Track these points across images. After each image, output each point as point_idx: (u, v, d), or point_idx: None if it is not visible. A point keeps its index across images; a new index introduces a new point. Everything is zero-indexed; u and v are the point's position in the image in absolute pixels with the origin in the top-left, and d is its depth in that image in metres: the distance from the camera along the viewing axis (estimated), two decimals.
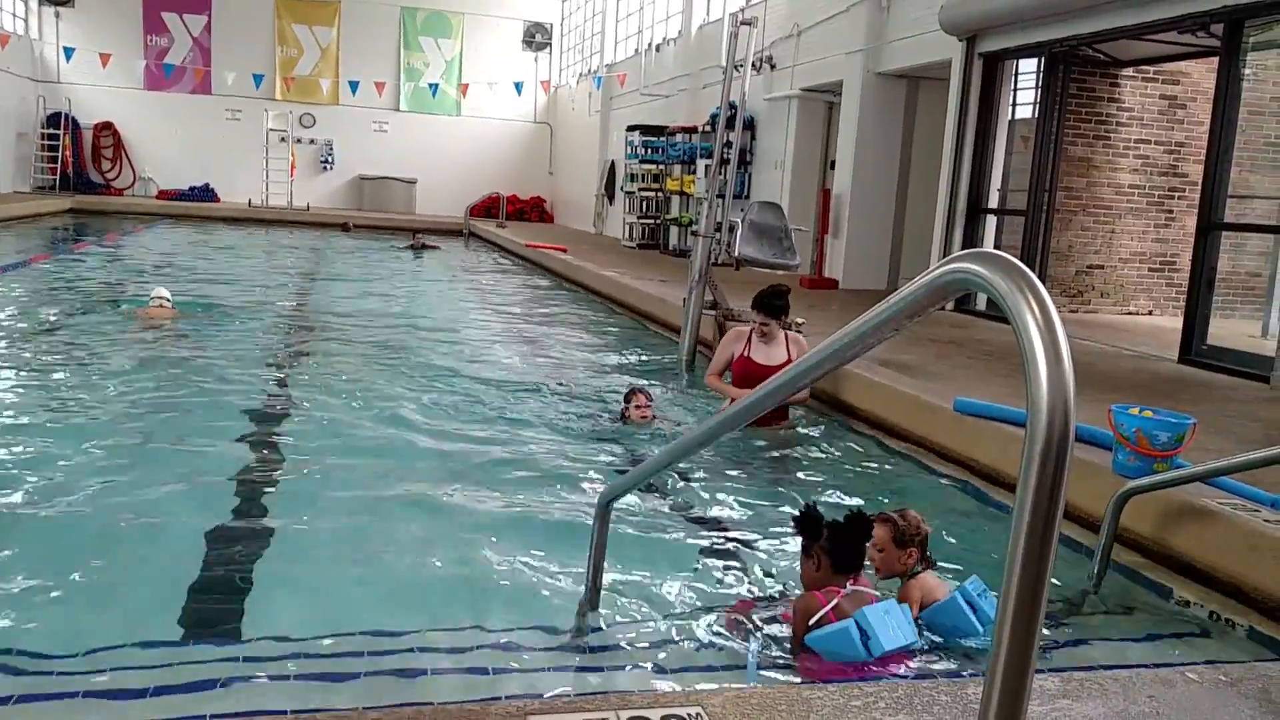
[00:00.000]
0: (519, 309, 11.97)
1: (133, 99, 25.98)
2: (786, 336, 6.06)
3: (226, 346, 8.10)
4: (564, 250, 16.41)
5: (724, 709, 1.97)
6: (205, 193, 26.05)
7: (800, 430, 6.05)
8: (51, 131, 24.94)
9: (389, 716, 1.83)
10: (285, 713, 1.81)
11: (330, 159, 27.23)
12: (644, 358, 8.76)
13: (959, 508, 4.72)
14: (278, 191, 25.46)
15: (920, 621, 3.20)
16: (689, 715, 1.94)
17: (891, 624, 2.87)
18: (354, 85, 26.07)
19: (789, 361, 5.72)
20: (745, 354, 6.06)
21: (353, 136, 27.08)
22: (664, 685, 2.74)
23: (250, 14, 26.38)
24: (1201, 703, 2.19)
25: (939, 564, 3.54)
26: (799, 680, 2.81)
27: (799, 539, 3.24)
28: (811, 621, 2.99)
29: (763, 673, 2.95)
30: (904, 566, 3.38)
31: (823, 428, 6.11)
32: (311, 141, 27.13)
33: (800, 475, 5.19)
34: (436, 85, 26.71)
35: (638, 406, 5.91)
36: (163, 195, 25.70)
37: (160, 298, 9.03)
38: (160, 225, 21.35)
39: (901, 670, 2.91)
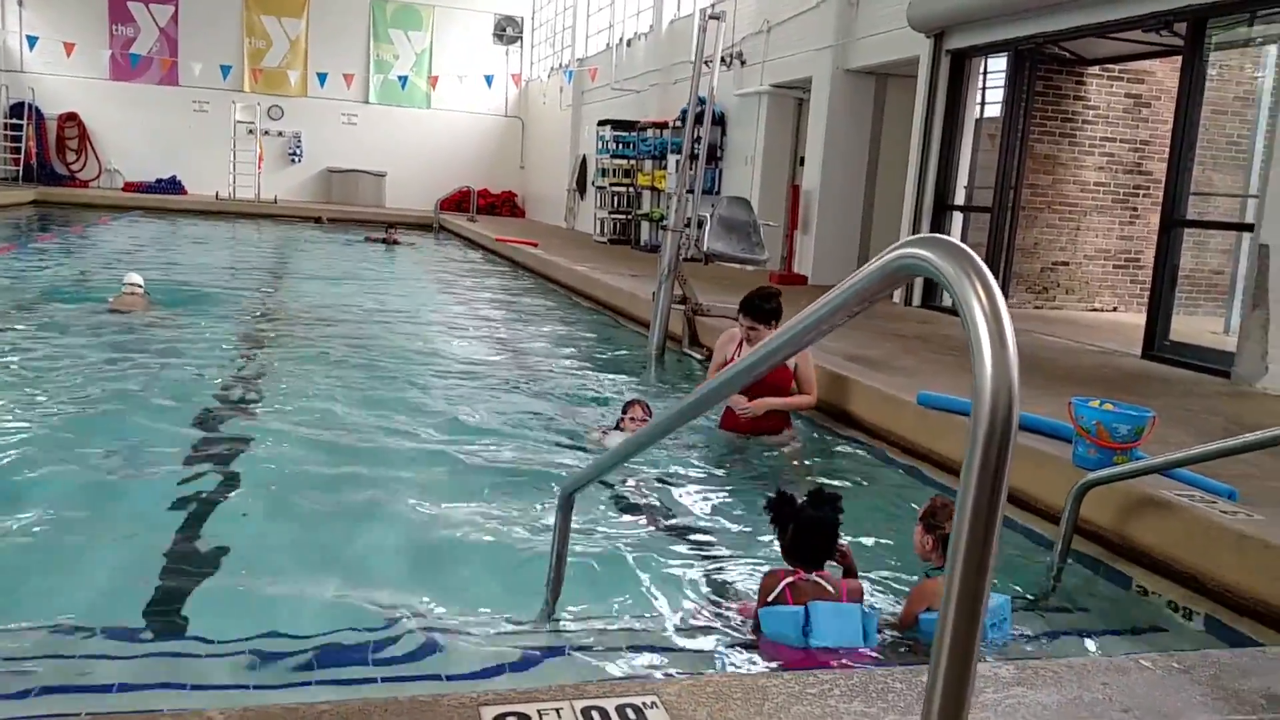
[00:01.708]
0: (489, 303, 11.93)
1: (98, 89, 25.63)
2: None
3: (197, 335, 8.08)
4: (535, 245, 16.36)
5: (679, 697, 1.97)
6: (172, 185, 25.77)
7: (797, 441, 5.69)
8: (14, 122, 24.58)
9: (338, 709, 1.81)
10: (235, 708, 1.79)
11: (299, 151, 27.00)
12: (614, 352, 8.76)
13: (921, 500, 4.74)
14: (245, 184, 25.20)
15: (917, 625, 3.16)
16: (644, 704, 1.93)
17: (838, 625, 2.93)
18: (322, 77, 25.84)
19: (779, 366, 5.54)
20: (735, 357, 5.67)
21: (322, 129, 26.86)
22: (623, 676, 2.74)
23: (218, 4, 26.10)
24: (1154, 690, 2.21)
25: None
26: (757, 668, 2.82)
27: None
28: (770, 598, 3.03)
29: (728, 663, 2.96)
30: (923, 553, 3.35)
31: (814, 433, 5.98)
32: (280, 134, 26.88)
33: (771, 472, 5.19)
34: (406, 78, 26.53)
35: (633, 419, 5.43)
36: (129, 187, 25.39)
37: (133, 285, 8.99)
38: (127, 217, 21.10)
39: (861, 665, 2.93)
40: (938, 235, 1.30)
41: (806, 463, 5.43)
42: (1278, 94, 6.80)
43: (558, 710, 1.87)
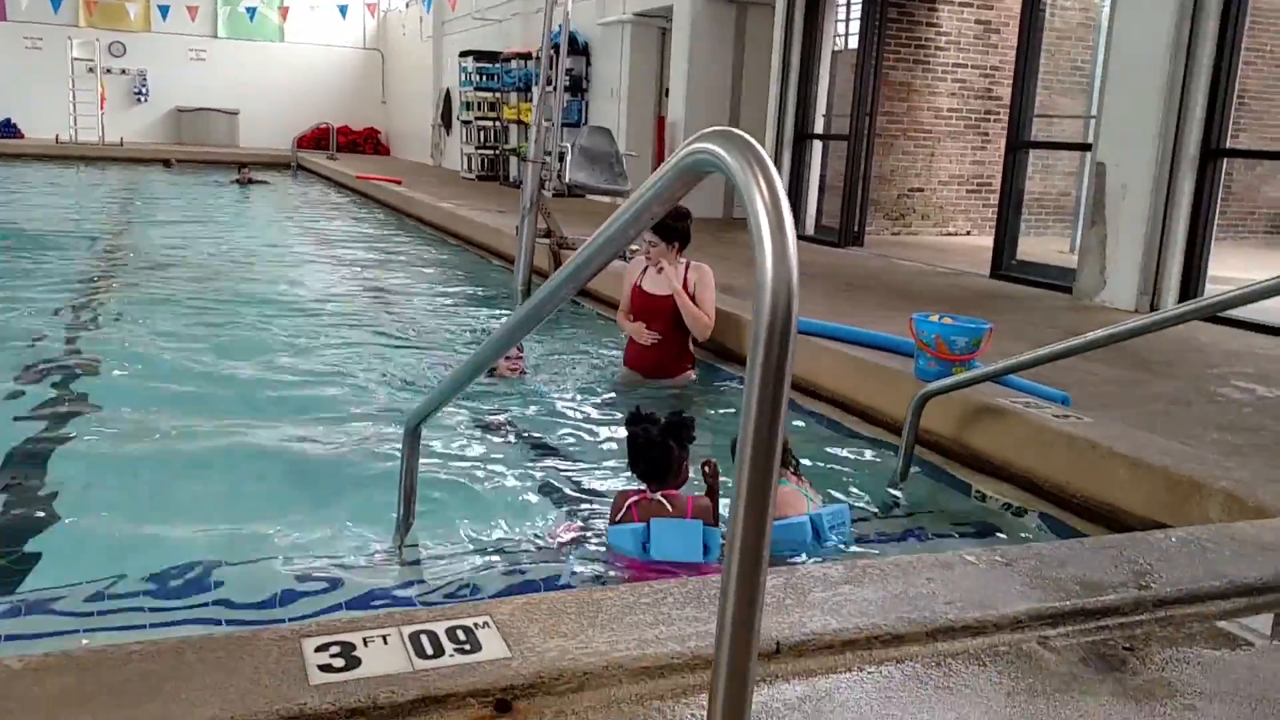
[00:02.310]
0: (349, 243, 11.59)
1: None
2: (688, 265, 5.38)
3: (34, 278, 7.66)
4: (398, 182, 15.94)
5: (512, 616, 1.95)
6: (7, 128, 24.10)
7: (694, 379, 5.46)
8: None
9: (149, 649, 1.73)
10: (36, 655, 1.70)
11: (144, 90, 25.56)
12: (480, 290, 8.63)
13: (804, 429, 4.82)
14: (88, 126, 23.77)
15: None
16: (475, 624, 1.91)
17: (677, 540, 2.97)
18: (164, 10, 24.34)
19: (684, 291, 5.25)
20: (638, 283, 5.46)
21: (168, 66, 25.45)
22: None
23: None
24: (977, 582, 2.30)
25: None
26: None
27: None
28: (618, 517, 3.06)
29: (577, 585, 2.97)
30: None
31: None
32: (123, 72, 25.39)
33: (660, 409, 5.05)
34: (254, 9, 25.23)
35: (507, 358, 5.27)
36: None
37: None
38: None
39: None
40: (725, 128, 1.28)
41: (697, 400, 5.21)
42: (1115, 18, 7.04)
43: (384, 637, 1.83)
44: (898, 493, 3.90)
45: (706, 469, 3.34)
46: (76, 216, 12.75)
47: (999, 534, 3.65)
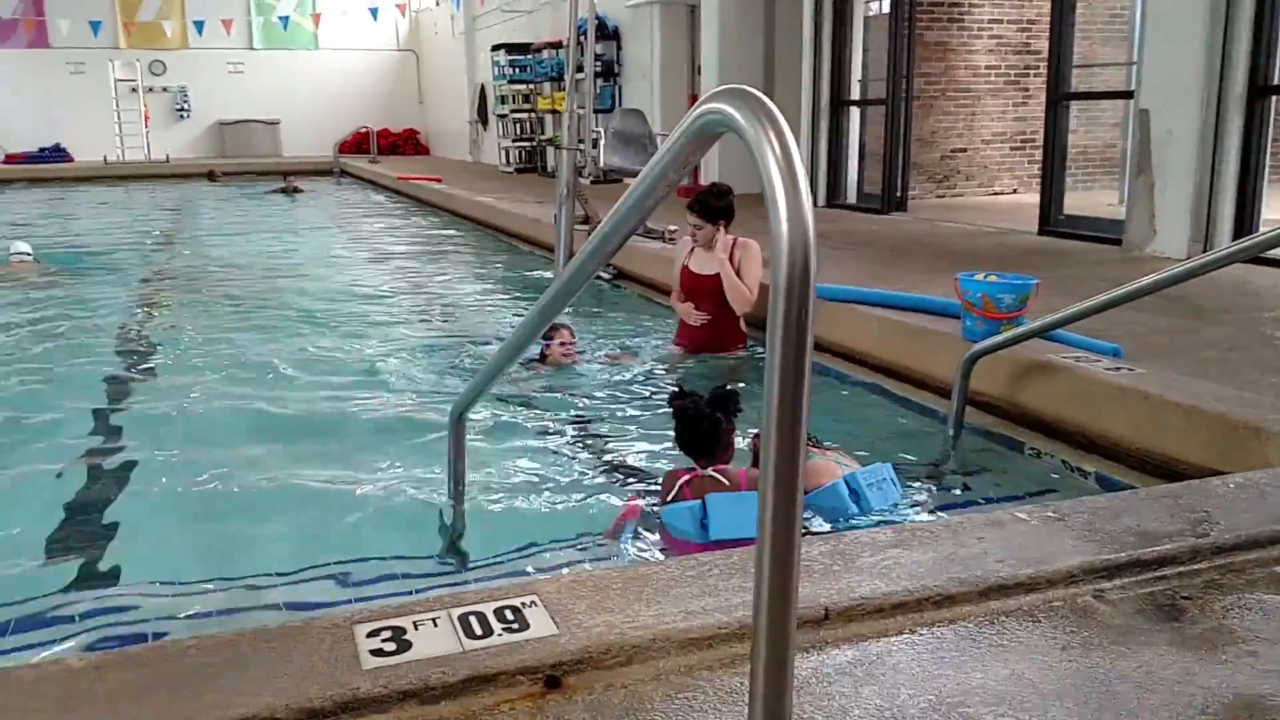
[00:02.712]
0: (393, 242, 11.71)
1: None
2: (734, 242, 5.35)
3: (92, 299, 7.86)
4: (438, 180, 16.05)
5: (559, 594, 1.96)
6: (57, 153, 24.63)
7: (744, 353, 5.42)
8: None
9: (204, 643, 1.77)
10: (96, 655, 1.75)
11: (186, 106, 25.96)
12: (522, 279, 8.67)
13: (824, 391, 4.80)
14: (133, 145, 24.19)
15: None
16: (523, 604, 1.92)
17: (736, 514, 2.91)
18: (199, 25, 24.68)
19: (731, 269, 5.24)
20: (685, 264, 5.47)
21: (207, 81, 25.81)
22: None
23: None
24: (1029, 539, 2.26)
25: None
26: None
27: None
28: (670, 497, 3.05)
29: (626, 558, 2.98)
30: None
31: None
32: (164, 89, 25.80)
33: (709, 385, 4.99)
34: (287, 18, 25.46)
35: (561, 343, 5.20)
36: (10, 159, 24.20)
37: (20, 253, 8.86)
38: (10, 190, 20.16)
39: None
40: (736, 86, 1.26)
41: (746, 376, 5.13)
42: None
43: (434, 620, 1.85)
44: (950, 456, 3.86)
45: (757, 442, 3.32)
46: (129, 234, 13.00)
47: (1055, 492, 3.60)
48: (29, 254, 8.88)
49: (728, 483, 3.10)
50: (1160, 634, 1.91)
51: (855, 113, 10.86)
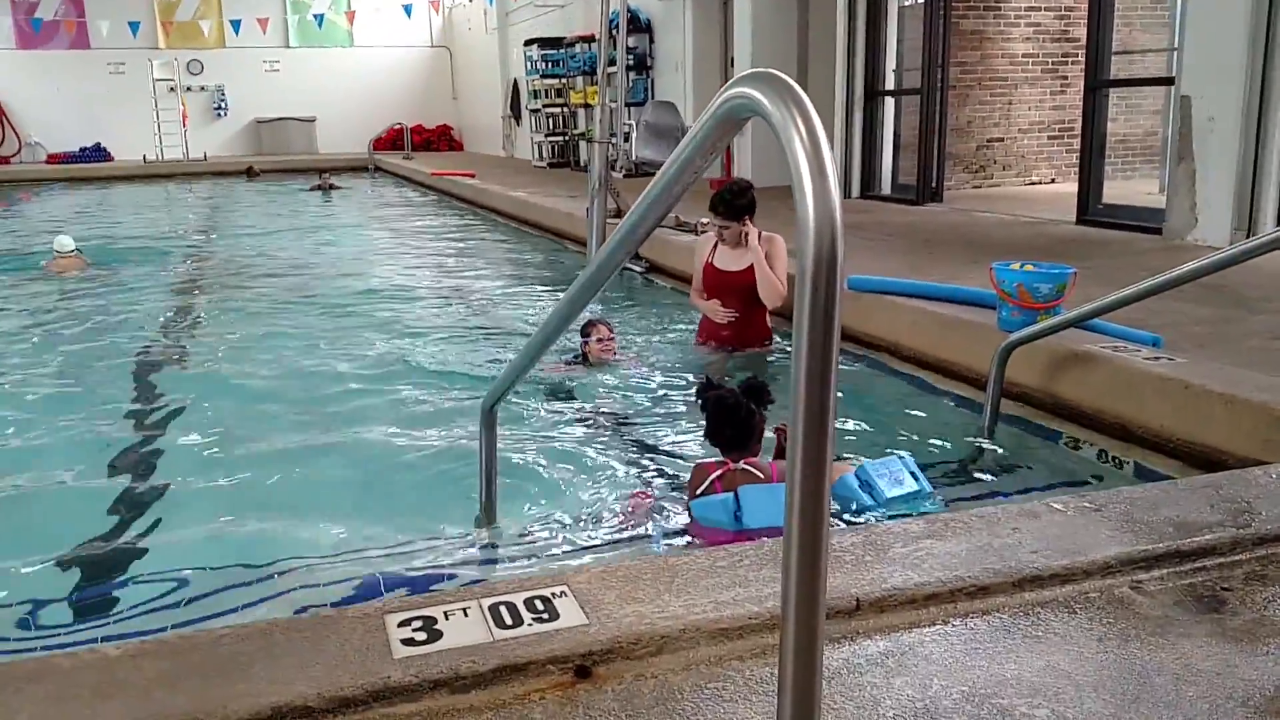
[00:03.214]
0: (428, 238, 11.76)
1: (6, 61, 24.63)
2: (761, 236, 5.23)
3: (136, 291, 8.06)
4: (471, 175, 16.10)
5: (589, 584, 1.96)
6: (97, 153, 24.98)
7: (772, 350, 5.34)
8: None
9: (238, 632, 1.78)
10: (132, 643, 1.77)
11: (223, 105, 26.23)
12: (555, 273, 8.68)
13: (858, 383, 4.76)
14: (172, 144, 24.46)
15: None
16: (553, 594, 1.93)
17: (769, 505, 2.89)
18: (236, 25, 24.92)
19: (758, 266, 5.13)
20: (710, 260, 5.33)
21: (244, 79, 26.07)
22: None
23: None
24: (1065, 529, 2.23)
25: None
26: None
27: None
28: (700, 491, 3.03)
29: (656, 551, 2.98)
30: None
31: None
32: (202, 89, 26.08)
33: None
34: (322, 16, 25.63)
35: (599, 340, 5.10)
36: (52, 159, 24.58)
37: (64, 249, 9.04)
38: (53, 190, 20.49)
39: None
40: (761, 70, 1.25)
41: (773, 370, 5.06)
42: None
43: (464, 610, 1.86)
44: (987, 447, 3.82)
45: (782, 436, 3.30)
46: (168, 231, 13.18)
47: (1091, 483, 3.55)
48: (72, 249, 9.10)
49: (762, 475, 3.08)
50: (1200, 625, 1.87)
51: (890, 103, 10.75)
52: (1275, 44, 6.32)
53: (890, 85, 10.72)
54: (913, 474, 3.19)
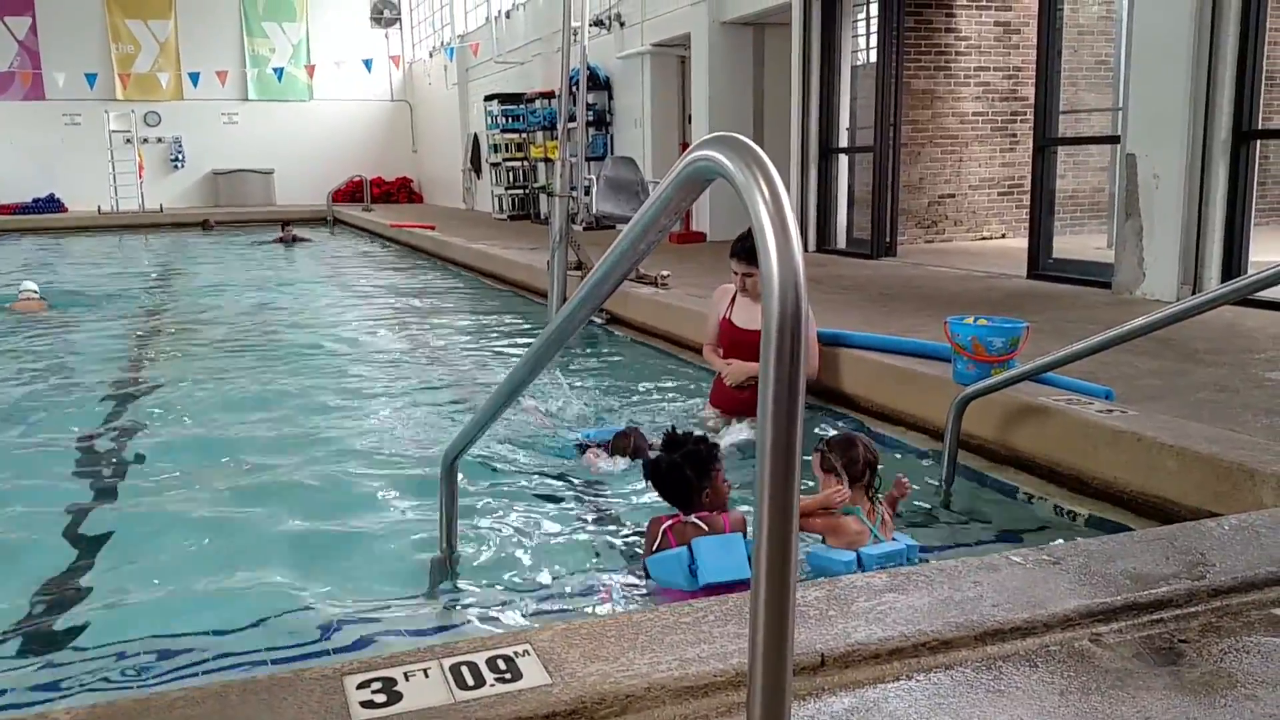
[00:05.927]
0: (386, 290, 11.71)
1: None
2: None
3: (91, 337, 8.13)
4: (431, 227, 16.12)
5: (552, 642, 1.94)
6: (51, 203, 24.76)
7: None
8: None
9: (192, 694, 1.74)
10: (83, 706, 1.72)
11: (180, 157, 26.16)
12: (516, 325, 8.68)
13: (819, 435, 4.78)
14: (128, 195, 24.25)
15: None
16: (515, 653, 1.90)
17: (724, 557, 2.88)
18: (194, 77, 24.90)
19: None
20: (727, 316, 4.97)
21: (201, 131, 26.04)
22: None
23: (78, 12, 25.05)
24: (1025, 582, 2.25)
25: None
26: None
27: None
28: (655, 546, 3.02)
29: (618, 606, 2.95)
30: (839, 495, 3.18)
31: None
32: (159, 140, 26.02)
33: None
34: (282, 70, 25.73)
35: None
36: (4, 210, 24.29)
37: (28, 291, 9.42)
38: (4, 240, 20.20)
39: None
40: (724, 134, 1.28)
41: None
42: (1135, 7, 6.96)
43: (425, 670, 1.83)
44: (944, 499, 3.85)
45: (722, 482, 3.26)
46: (125, 279, 13.02)
47: (1048, 530, 3.59)
48: (35, 292, 9.41)
49: (707, 528, 3.07)
50: (1158, 678, 1.89)
51: (844, 160, 10.96)
52: (1216, 104, 6.54)
53: (844, 143, 10.92)
54: (909, 561, 3.16)
